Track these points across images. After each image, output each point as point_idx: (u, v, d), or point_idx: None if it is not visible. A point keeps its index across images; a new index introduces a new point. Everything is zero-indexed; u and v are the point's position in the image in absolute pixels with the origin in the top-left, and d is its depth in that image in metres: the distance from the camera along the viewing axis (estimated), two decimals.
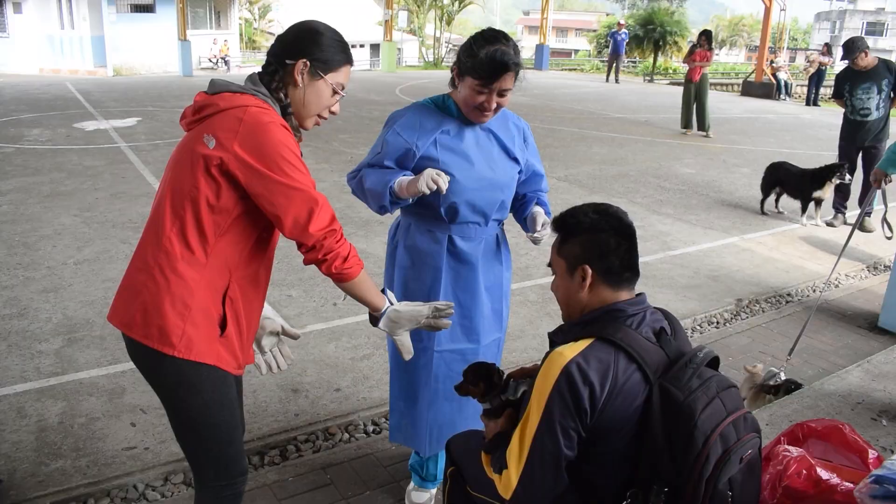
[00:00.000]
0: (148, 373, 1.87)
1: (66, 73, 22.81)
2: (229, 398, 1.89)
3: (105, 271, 5.03)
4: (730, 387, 1.69)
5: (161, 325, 1.75)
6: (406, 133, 2.37)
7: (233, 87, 1.82)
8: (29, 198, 6.85)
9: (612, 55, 23.75)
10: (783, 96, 20.35)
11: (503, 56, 2.22)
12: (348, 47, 1.95)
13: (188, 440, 1.93)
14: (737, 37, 71.01)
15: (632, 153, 10.51)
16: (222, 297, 1.82)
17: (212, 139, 1.74)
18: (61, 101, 13.90)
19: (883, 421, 3.21)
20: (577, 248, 1.78)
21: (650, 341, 1.69)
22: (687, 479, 1.59)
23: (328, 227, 1.77)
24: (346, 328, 4.30)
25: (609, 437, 1.64)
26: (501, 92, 2.29)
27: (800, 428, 2.49)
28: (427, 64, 34.12)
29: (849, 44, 6.78)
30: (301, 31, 1.91)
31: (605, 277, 1.75)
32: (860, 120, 6.91)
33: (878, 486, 1.84)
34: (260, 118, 1.74)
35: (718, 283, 5.44)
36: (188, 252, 1.76)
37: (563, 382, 1.60)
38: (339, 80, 1.93)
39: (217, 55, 27.16)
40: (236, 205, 1.77)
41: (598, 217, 1.78)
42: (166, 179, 1.84)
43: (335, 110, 1.99)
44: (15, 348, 3.89)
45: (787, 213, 7.58)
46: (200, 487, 1.99)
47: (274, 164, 1.71)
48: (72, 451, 3.05)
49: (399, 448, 3.13)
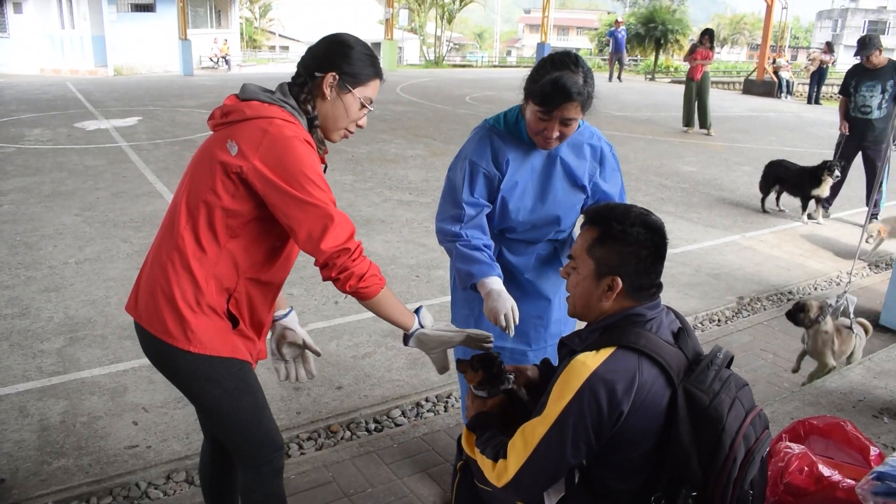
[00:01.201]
0: (162, 366, 1.90)
1: (66, 73, 22.81)
2: (249, 383, 1.91)
3: (106, 270, 5.03)
4: (744, 385, 1.68)
5: (174, 320, 1.78)
6: (483, 163, 2.31)
7: (262, 97, 1.83)
8: (30, 197, 6.86)
9: (612, 53, 23.63)
10: (785, 95, 20.33)
11: (566, 83, 2.10)
12: (378, 61, 1.95)
13: (217, 426, 1.98)
14: (738, 35, 70.95)
15: (633, 151, 10.50)
16: (227, 297, 1.84)
17: (234, 146, 1.75)
18: (62, 101, 13.91)
19: (884, 418, 3.21)
20: (613, 258, 1.71)
21: (670, 344, 1.67)
22: (716, 483, 1.57)
23: (342, 245, 1.75)
24: (348, 326, 4.30)
25: (631, 445, 1.62)
26: (565, 121, 2.16)
27: (801, 425, 2.49)
28: (428, 62, 34.11)
29: (865, 40, 6.75)
30: (331, 43, 1.91)
31: (633, 292, 1.71)
32: (861, 118, 6.92)
33: (879, 483, 1.85)
34: (284, 132, 1.75)
35: (720, 280, 5.44)
36: (199, 251, 1.78)
37: (585, 395, 1.56)
38: (368, 95, 1.93)
39: (218, 54, 27.15)
40: (250, 210, 1.78)
41: (645, 233, 1.70)
42: (186, 178, 1.87)
43: (362, 124, 1.99)
44: (17, 348, 3.90)
45: (788, 210, 7.58)
46: (241, 467, 2.03)
47: (293, 179, 1.72)
48: (74, 449, 3.05)
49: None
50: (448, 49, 36.82)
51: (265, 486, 2.03)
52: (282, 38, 48.14)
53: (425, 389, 3.65)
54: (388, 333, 4.21)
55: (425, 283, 5.07)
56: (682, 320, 1.79)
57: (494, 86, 19.37)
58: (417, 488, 2.86)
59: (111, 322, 4.24)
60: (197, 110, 12.94)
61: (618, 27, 22.94)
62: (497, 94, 16.89)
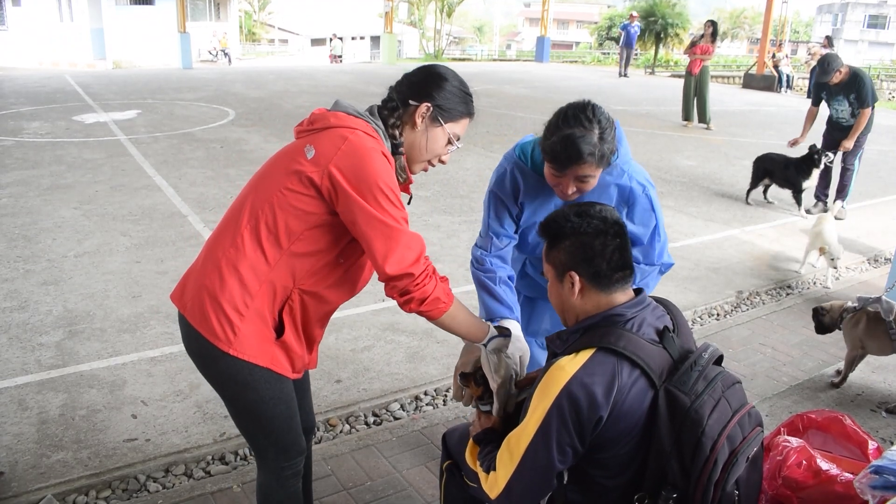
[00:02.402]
0: (202, 364, 1.87)
1: (65, 66, 22.76)
2: (285, 392, 1.90)
3: (105, 264, 5.03)
4: (734, 383, 1.67)
5: (219, 320, 1.76)
6: (504, 196, 2.31)
7: (350, 111, 1.83)
8: (29, 190, 6.84)
9: (623, 48, 22.75)
10: (784, 89, 20.30)
11: (578, 143, 1.99)
12: (471, 99, 1.94)
13: (246, 428, 1.96)
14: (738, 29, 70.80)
15: (633, 145, 10.35)
16: (281, 306, 1.82)
17: (312, 150, 1.75)
18: (61, 94, 13.87)
19: (883, 412, 3.22)
20: (562, 255, 1.72)
21: (653, 343, 1.65)
22: (697, 484, 1.57)
23: (405, 270, 1.73)
24: (347, 320, 4.30)
25: (614, 445, 1.62)
26: (580, 178, 2.07)
27: (800, 419, 2.50)
28: (427, 56, 34.05)
29: (825, 66, 6.85)
30: (429, 74, 1.91)
31: (595, 282, 1.69)
32: (837, 121, 7.16)
33: (877, 477, 1.85)
34: (364, 143, 1.74)
35: (719, 275, 5.44)
36: (257, 252, 1.76)
37: (564, 400, 1.56)
38: (456, 132, 1.93)
39: (217, 47, 27.12)
40: (317, 215, 1.76)
41: (579, 220, 1.70)
42: (256, 178, 1.86)
43: (445, 160, 1.97)
44: (16, 341, 3.90)
45: (776, 202, 7.63)
46: (262, 467, 2.03)
47: (367, 190, 1.69)
48: (73, 442, 3.06)
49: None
50: (447, 42, 36.74)
51: (286, 488, 2.03)
52: (281, 31, 48.09)
53: (424, 383, 3.66)
54: (387, 327, 4.21)
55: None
56: (674, 315, 1.77)
57: (493, 79, 19.33)
58: (416, 481, 2.87)
59: (110, 315, 4.24)
60: (196, 103, 12.91)
61: (632, 21, 22.04)
62: (497, 88, 16.86)
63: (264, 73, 20.31)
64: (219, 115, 11.59)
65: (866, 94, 6.75)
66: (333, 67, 24.22)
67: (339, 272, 1.86)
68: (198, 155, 8.60)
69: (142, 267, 5.00)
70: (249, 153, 8.77)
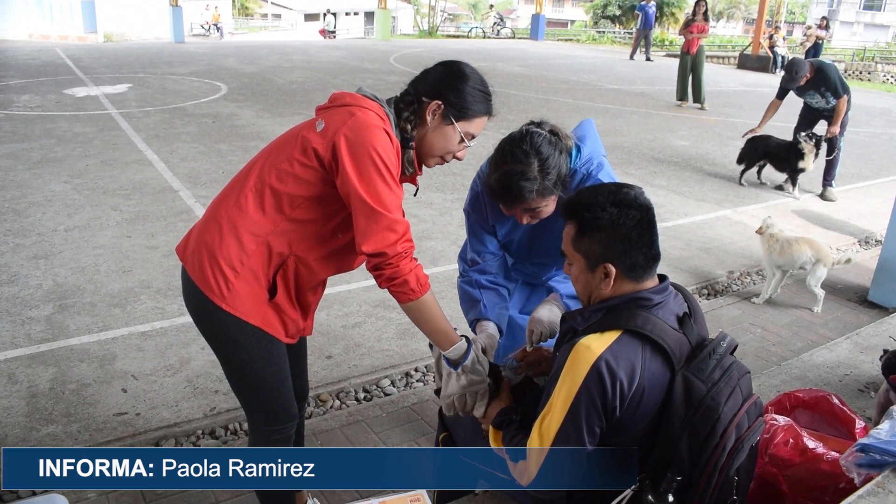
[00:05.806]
0: (198, 319, 1.92)
1: (55, 39, 22.48)
2: (276, 354, 1.94)
3: (95, 238, 5.00)
4: (746, 373, 1.67)
5: (215, 275, 1.81)
6: (477, 215, 2.31)
7: (368, 94, 1.86)
8: (18, 164, 6.78)
9: (640, 29, 20.65)
10: (779, 70, 20.21)
11: (517, 185, 1.96)
12: (490, 98, 1.93)
13: (239, 388, 2.01)
14: (734, 9, 70.43)
15: (626, 125, 10.47)
16: (276, 270, 1.86)
17: (322, 124, 1.80)
18: (51, 67, 13.72)
19: (871, 392, 3.24)
20: (597, 246, 1.66)
21: (675, 329, 1.65)
22: (703, 469, 1.58)
23: (380, 248, 1.76)
24: (338, 296, 4.30)
25: (629, 428, 1.62)
26: (530, 210, 2.04)
27: (787, 398, 2.51)
28: (421, 32, 33.71)
29: (791, 73, 6.89)
30: (447, 71, 1.91)
31: (630, 273, 1.66)
32: (816, 109, 7.19)
33: (863, 455, 1.86)
34: (371, 120, 1.77)
35: (710, 255, 5.45)
36: (258, 213, 1.81)
37: (593, 380, 1.54)
38: (471, 131, 1.92)
39: (209, 21, 26.82)
40: (317, 186, 1.80)
41: (617, 212, 1.63)
42: (268, 147, 1.91)
43: (460, 157, 1.96)
44: (5, 314, 3.88)
45: (769, 183, 7.66)
46: (253, 430, 2.07)
47: (362, 164, 1.73)
48: (63, 416, 3.05)
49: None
50: (442, 19, 36.42)
51: None
52: (274, 5, 47.52)
53: (414, 359, 3.66)
54: (378, 304, 4.21)
55: (416, 253, 5.05)
56: (690, 302, 1.76)
57: (488, 57, 19.21)
58: None
59: (100, 290, 4.22)
60: (187, 78, 12.79)
61: (648, 2, 19.40)
62: (491, 66, 16.75)
63: (257, 47, 20.12)
64: (211, 90, 11.49)
65: (835, 85, 6.80)
66: (327, 43, 24.02)
67: (332, 245, 1.90)
68: (189, 130, 8.53)
69: (132, 241, 4.97)
70: (241, 128, 8.70)
